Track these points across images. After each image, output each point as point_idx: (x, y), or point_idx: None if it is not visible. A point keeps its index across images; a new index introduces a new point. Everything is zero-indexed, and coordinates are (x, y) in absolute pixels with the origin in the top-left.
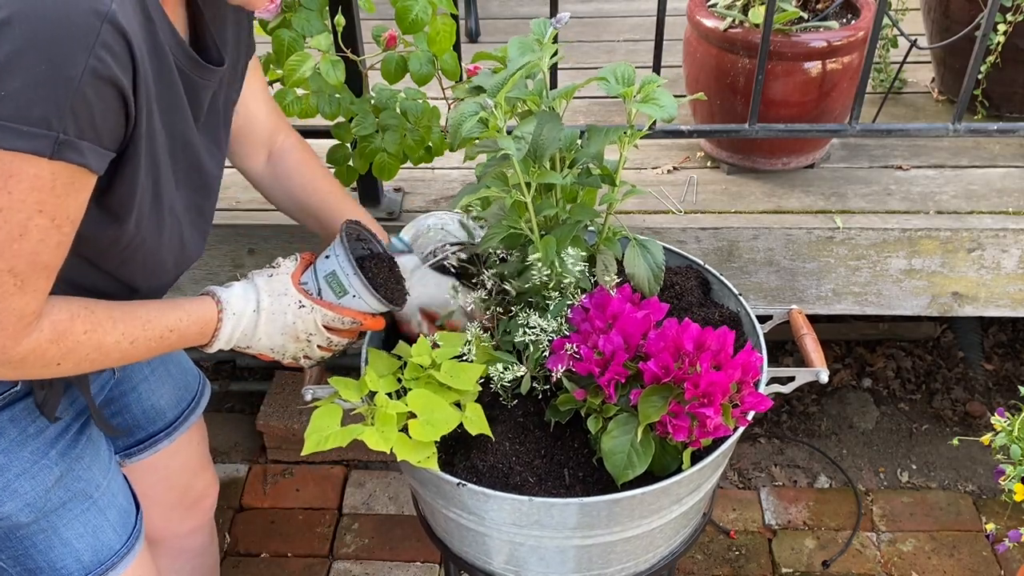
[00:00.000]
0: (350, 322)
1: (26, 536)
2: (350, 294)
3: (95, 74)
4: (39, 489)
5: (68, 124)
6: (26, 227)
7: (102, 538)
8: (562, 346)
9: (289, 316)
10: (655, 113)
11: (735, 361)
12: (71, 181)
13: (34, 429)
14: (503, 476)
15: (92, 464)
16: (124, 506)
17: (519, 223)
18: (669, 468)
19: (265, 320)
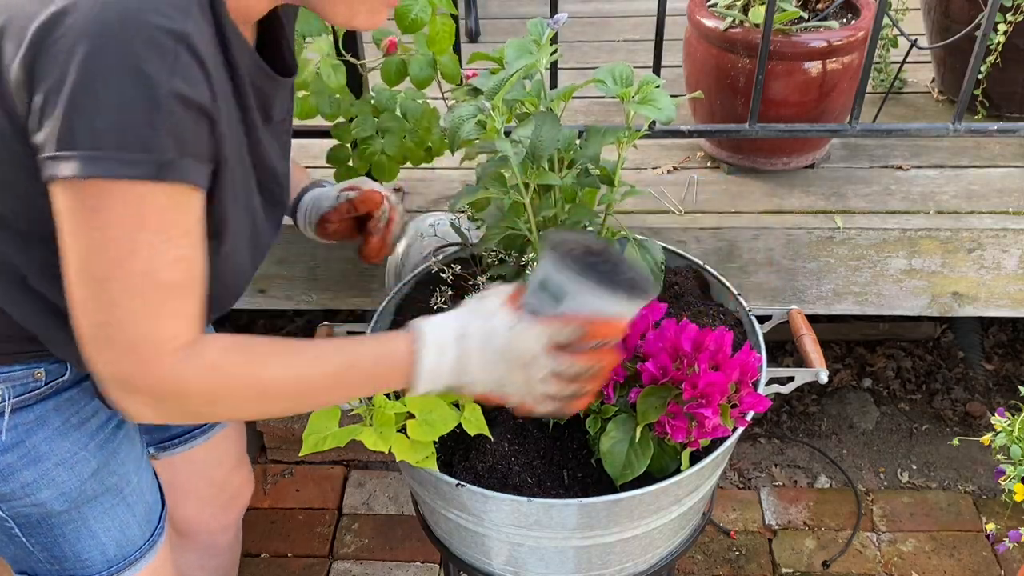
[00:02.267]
0: (574, 330)
1: (57, 524)
2: (569, 295)
3: (179, 93)
4: (76, 480)
5: (166, 144)
6: (136, 248)
7: (127, 533)
8: None
9: (501, 339)
10: (653, 115)
11: (733, 361)
12: (178, 200)
13: (77, 420)
14: (502, 477)
15: (127, 459)
16: (151, 502)
17: (518, 224)
18: (668, 469)
19: (477, 347)
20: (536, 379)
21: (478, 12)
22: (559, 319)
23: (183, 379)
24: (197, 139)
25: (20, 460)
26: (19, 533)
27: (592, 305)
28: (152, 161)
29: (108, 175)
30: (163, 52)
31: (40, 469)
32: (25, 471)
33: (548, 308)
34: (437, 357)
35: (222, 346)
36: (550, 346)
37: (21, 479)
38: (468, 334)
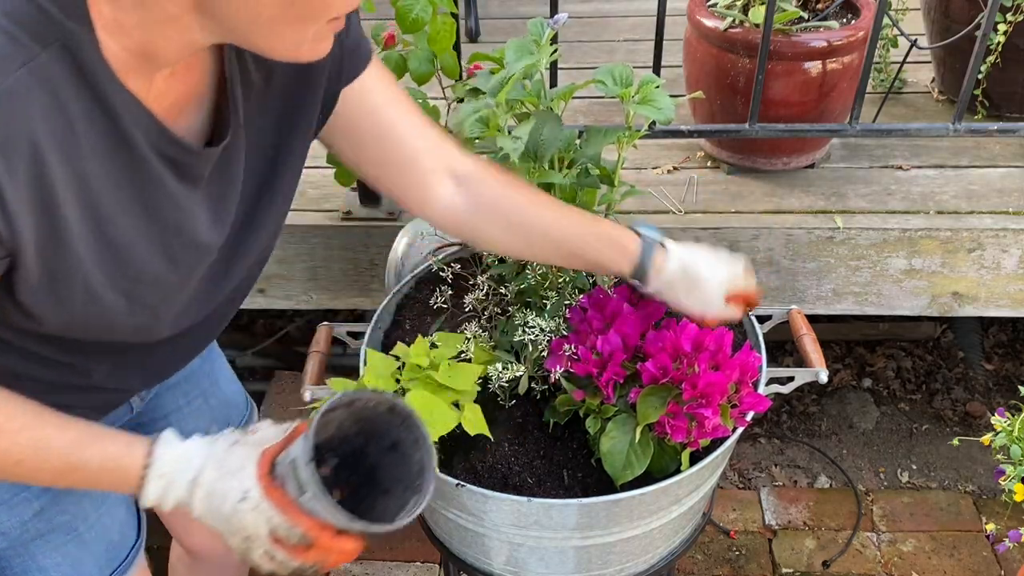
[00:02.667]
0: (299, 535)
1: (3, 558)
2: (308, 492)
3: None
4: (15, 520)
5: None
6: None
7: (82, 570)
8: (560, 347)
9: (228, 506)
10: (652, 115)
11: (733, 361)
12: None
13: None
14: (502, 477)
15: (82, 498)
16: (115, 541)
17: None
18: (668, 469)
19: (202, 498)
20: (253, 552)
21: (478, 12)
22: (289, 511)
23: None
24: None
25: None
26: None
27: (326, 516)
28: None
29: None
30: None
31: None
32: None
33: (291, 489)
34: (162, 491)
35: None
36: (272, 535)
37: None
38: (199, 482)
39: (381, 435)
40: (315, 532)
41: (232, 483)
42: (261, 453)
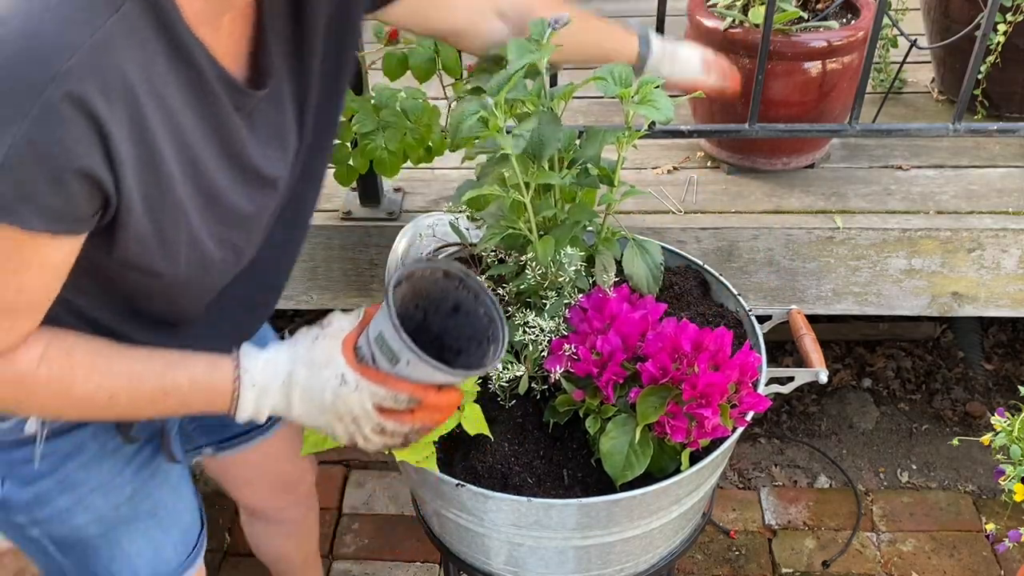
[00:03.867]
0: (406, 400)
1: (91, 546)
2: (403, 360)
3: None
4: (110, 505)
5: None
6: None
7: (161, 554)
8: (560, 347)
9: (328, 394)
10: (652, 115)
11: (733, 362)
12: (17, 240)
13: (113, 446)
14: (502, 477)
15: (163, 483)
16: (188, 524)
17: (518, 223)
18: (668, 469)
19: (299, 398)
20: (362, 432)
21: None
22: (389, 381)
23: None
24: (50, 193)
25: (56, 487)
26: (54, 553)
27: (425, 376)
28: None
29: None
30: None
31: (75, 496)
32: (60, 498)
33: (382, 363)
34: (257, 400)
35: (39, 356)
36: (376, 408)
37: (57, 505)
38: (294, 382)
39: (439, 302)
40: (420, 393)
41: (326, 373)
42: (343, 340)
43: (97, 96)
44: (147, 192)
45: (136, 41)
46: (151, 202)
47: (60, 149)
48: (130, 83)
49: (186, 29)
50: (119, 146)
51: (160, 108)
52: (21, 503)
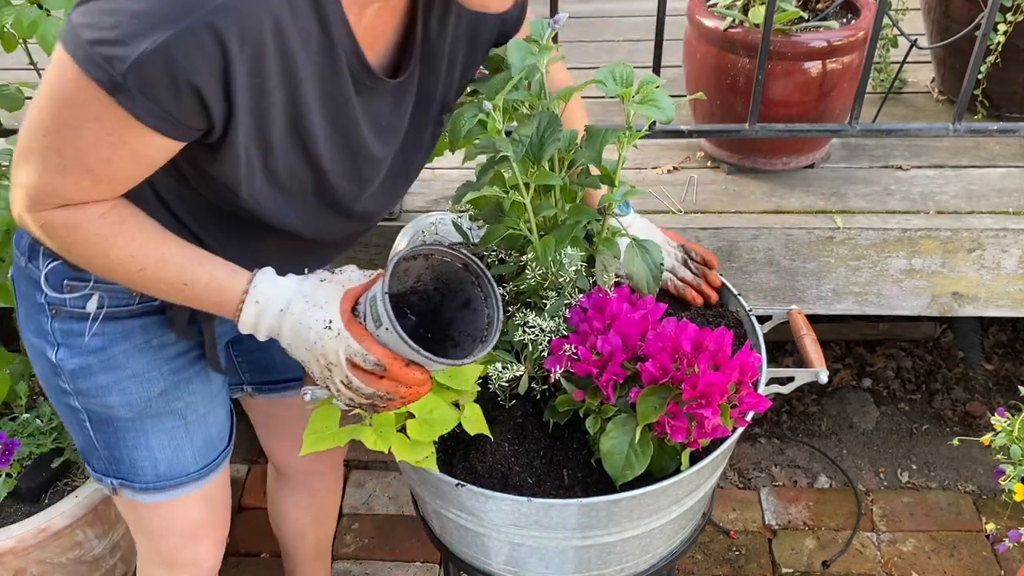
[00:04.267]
0: (373, 362)
1: (120, 429)
2: (383, 326)
3: (170, 58)
4: (143, 394)
5: (132, 77)
6: (81, 126)
7: (181, 456)
8: (560, 347)
9: (312, 334)
10: (653, 115)
11: (733, 362)
12: (126, 122)
13: (158, 343)
14: (502, 477)
15: (197, 391)
16: (213, 438)
17: (518, 224)
18: (668, 469)
19: (289, 328)
20: (333, 380)
21: None
22: (365, 341)
23: (51, 226)
24: (167, 97)
25: (100, 364)
26: (89, 426)
27: (397, 348)
28: (109, 75)
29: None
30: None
31: (114, 376)
32: (101, 375)
33: (369, 324)
34: (257, 316)
35: (99, 214)
36: (348, 361)
37: (97, 381)
38: (290, 312)
39: (456, 292)
40: (387, 360)
41: (318, 314)
42: (345, 291)
43: (233, 36)
44: (249, 127)
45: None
46: (249, 137)
47: (186, 63)
48: (264, 35)
49: (337, 6)
50: (236, 81)
51: (283, 63)
52: (68, 370)
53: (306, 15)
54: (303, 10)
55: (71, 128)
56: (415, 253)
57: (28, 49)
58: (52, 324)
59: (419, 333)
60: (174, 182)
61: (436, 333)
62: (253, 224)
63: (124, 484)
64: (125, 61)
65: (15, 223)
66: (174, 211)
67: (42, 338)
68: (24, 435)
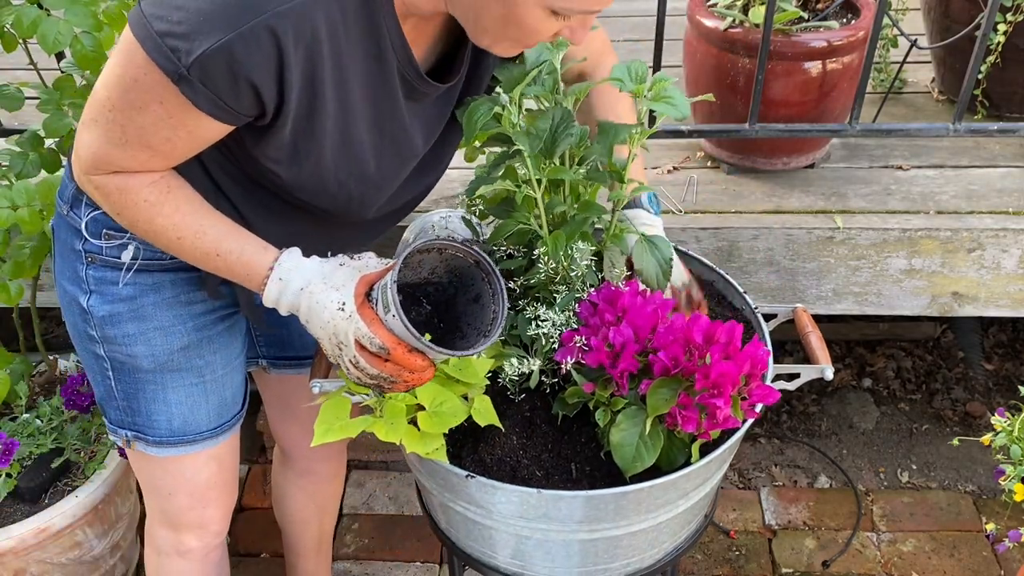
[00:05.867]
0: (378, 345)
1: (140, 380)
2: (391, 312)
3: (230, 55)
4: (165, 348)
5: (196, 70)
6: (146, 107)
7: (196, 413)
8: (571, 338)
9: (326, 314)
10: (668, 111)
11: (744, 353)
12: (187, 108)
13: (185, 299)
14: (510, 470)
15: (218, 351)
16: (227, 400)
17: (528, 219)
18: (676, 462)
19: (307, 306)
20: (342, 358)
21: None
22: (373, 324)
23: (105, 189)
24: (226, 90)
25: (128, 313)
26: (111, 375)
27: (401, 333)
28: (175, 66)
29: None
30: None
31: (141, 327)
32: (128, 324)
33: (379, 309)
34: (279, 292)
35: (150, 182)
36: (356, 343)
37: (124, 329)
38: (309, 291)
39: (468, 287)
40: (391, 344)
41: (334, 295)
42: (361, 276)
43: (290, 38)
44: (298, 117)
45: (339, 8)
46: (299, 126)
47: (246, 61)
48: (319, 39)
49: (390, 11)
50: (290, 80)
51: (335, 64)
52: (98, 317)
53: (356, 21)
54: (354, 15)
55: (135, 108)
56: (429, 246)
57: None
58: (87, 271)
59: (433, 323)
60: (218, 154)
61: (448, 324)
62: (290, 204)
63: (138, 436)
64: (191, 55)
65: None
66: (216, 180)
67: (76, 285)
68: (24, 435)
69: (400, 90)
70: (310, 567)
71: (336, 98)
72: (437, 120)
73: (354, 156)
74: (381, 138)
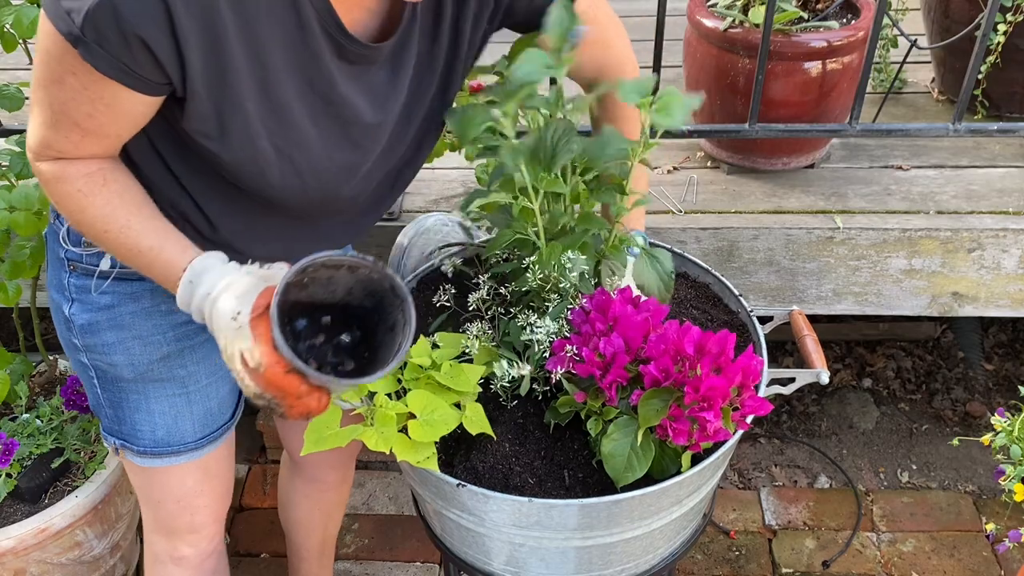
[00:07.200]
0: (256, 361)
1: (124, 389)
2: (275, 326)
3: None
4: (145, 358)
5: (88, 29)
6: (63, 80)
7: (180, 424)
8: (562, 347)
9: (222, 322)
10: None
11: (736, 365)
12: (95, 76)
13: (165, 308)
14: (503, 477)
15: (201, 361)
16: (213, 410)
17: (526, 229)
18: (668, 471)
19: (208, 313)
20: (234, 367)
21: None
22: (259, 337)
23: (44, 176)
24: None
25: (107, 321)
26: (96, 383)
27: (286, 354)
28: (70, 27)
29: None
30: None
31: (120, 335)
32: (108, 332)
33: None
34: (188, 295)
35: (87, 173)
36: (241, 357)
37: (103, 338)
38: (212, 297)
39: (387, 314)
40: (267, 362)
41: (232, 303)
42: (266, 287)
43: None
44: (209, 80)
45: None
46: (214, 93)
47: (130, 16)
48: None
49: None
50: (185, 37)
51: (238, 13)
52: (79, 325)
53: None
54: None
55: (55, 82)
56: (338, 262)
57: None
58: (70, 279)
59: (359, 350)
60: (172, 144)
61: (372, 354)
62: (249, 196)
63: (125, 445)
64: (80, 13)
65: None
66: (176, 175)
67: (60, 293)
68: (24, 435)
69: (328, 49)
70: (313, 570)
71: (247, 54)
72: (388, 87)
73: (286, 121)
74: (315, 101)
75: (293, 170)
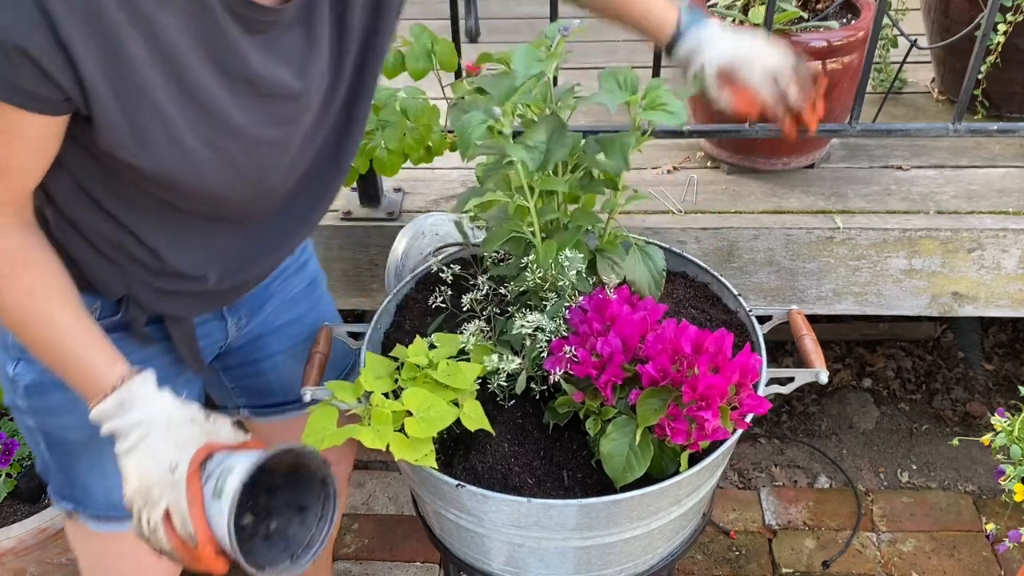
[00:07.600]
0: (188, 533)
1: (75, 452)
2: (220, 501)
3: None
4: None
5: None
6: None
7: None
8: (560, 348)
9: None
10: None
11: (733, 364)
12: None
13: None
14: (502, 477)
15: None
16: None
17: (521, 227)
18: (667, 470)
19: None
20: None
21: (478, 12)
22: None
23: None
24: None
25: (53, 381)
26: (44, 448)
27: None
28: None
29: None
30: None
31: (68, 395)
32: (55, 392)
33: (208, 487)
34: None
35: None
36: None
37: (51, 399)
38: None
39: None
40: (202, 539)
41: (171, 451)
42: (206, 443)
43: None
44: (116, 88)
45: None
46: (122, 98)
47: (4, 26)
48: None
49: None
50: (73, 42)
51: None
52: (23, 386)
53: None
54: None
55: None
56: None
57: None
58: (12, 337)
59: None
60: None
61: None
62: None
63: (78, 509)
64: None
65: None
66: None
67: (4, 351)
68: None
69: (232, 24)
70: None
71: (149, 50)
72: (305, 51)
73: (208, 110)
74: (233, 83)
75: (227, 160)
